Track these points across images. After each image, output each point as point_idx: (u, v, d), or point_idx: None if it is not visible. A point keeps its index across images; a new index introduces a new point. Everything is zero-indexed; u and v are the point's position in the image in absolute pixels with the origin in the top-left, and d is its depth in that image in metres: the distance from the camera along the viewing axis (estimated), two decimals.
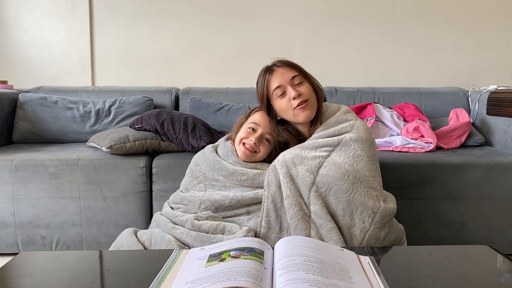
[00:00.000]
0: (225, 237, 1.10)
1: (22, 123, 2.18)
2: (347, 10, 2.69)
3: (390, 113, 2.18)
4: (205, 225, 1.15)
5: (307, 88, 1.25)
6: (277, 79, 1.26)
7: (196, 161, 1.37)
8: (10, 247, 1.80)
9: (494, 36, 2.69)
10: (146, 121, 1.92)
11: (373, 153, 1.23)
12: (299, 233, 1.12)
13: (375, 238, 1.13)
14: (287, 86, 1.24)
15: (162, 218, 1.27)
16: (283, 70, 1.26)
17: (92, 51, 2.70)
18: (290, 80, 1.25)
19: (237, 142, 1.32)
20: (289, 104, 1.24)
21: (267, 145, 1.31)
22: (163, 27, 2.70)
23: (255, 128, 1.31)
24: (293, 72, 1.26)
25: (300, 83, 1.25)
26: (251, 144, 1.28)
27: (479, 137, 2.14)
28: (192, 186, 1.33)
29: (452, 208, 1.76)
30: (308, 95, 1.24)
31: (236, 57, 2.70)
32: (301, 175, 1.18)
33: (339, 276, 0.67)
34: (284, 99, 1.25)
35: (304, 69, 1.31)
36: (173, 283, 0.68)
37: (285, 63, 1.29)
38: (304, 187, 1.17)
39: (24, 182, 1.75)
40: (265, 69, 1.31)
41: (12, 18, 2.66)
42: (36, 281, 0.73)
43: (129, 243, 1.16)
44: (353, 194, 1.15)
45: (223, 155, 1.32)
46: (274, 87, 1.26)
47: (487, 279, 0.76)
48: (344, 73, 2.71)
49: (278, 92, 1.25)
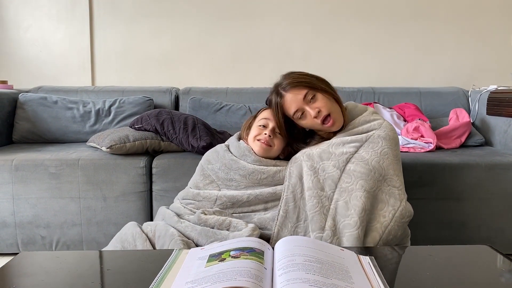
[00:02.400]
0: (230, 234, 1.10)
1: (22, 123, 2.18)
2: (347, 10, 2.69)
3: (390, 113, 2.18)
4: (211, 219, 1.15)
5: (322, 101, 1.25)
6: (291, 105, 1.26)
7: (208, 159, 1.35)
8: (10, 247, 1.80)
9: (494, 36, 2.69)
10: (146, 121, 1.92)
11: (397, 153, 1.26)
12: (313, 225, 1.14)
13: (393, 234, 1.14)
14: (303, 107, 1.26)
15: (168, 211, 1.27)
16: (292, 94, 1.26)
17: (92, 51, 2.70)
18: (303, 100, 1.25)
19: (251, 140, 1.32)
20: (315, 121, 1.26)
21: (280, 138, 1.32)
22: (163, 27, 2.70)
23: (266, 124, 1.32)
24: (301, 91, 1.25)
25: (313, 98, 1.25)
26: (266, 138, 1.29)
27: (479, 137, 2.14)
28: (204, 185, 1.31)
29: (452, 208, 1.76)
30: (327, 107, 1.25)
31: (236, 57, 2.70)
32: (328, 170, 1.20)
33: (339, 276, 0.67)
34: (307, 119, 1.27)
35: (310, 77, 1.29)
36: (173, 283, 0.68)
37: (292, 83, 1.27)
38: (331, 181, 1.18)
39: (24, 182, 1.75)
40: (275, 92, 1.30)
41: (12, 18, 2.66)
42: (36, 281, 0.73)
43: (133, 233, 1.16)
44: (376, 191, 1.17)
45: (239, 154, 1.31)
46: (292, 112, 1.27)
47: (487, 279, 0.76)
48: (344, 73, 2.71)
49: (298, 115, 1.27)
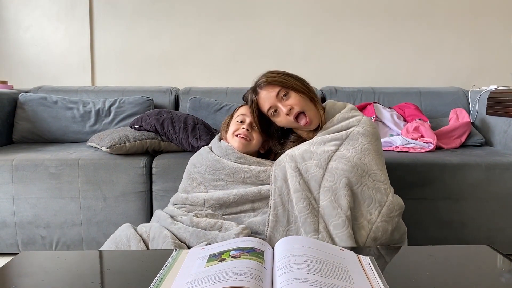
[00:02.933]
0: (219, 234, 1.11)
1: (22, 123, 2.18)
2: (347, 10, 2.69)
3: (390, 113, 2.18)
4: (203, 222, 1.16)
5: (295, 99, 1.26)
6: (265, 102, 1.29)
7: (193, 163, 1.37)
8: (10, 247, 1.80)
9: (494, 36, 2.69)
10: (146, 121, 1.92)
11: (379, 147, 1.26)
12: (307, 227, 1.14)
13: (382, 230, 1.14)
14: (276, 104, 1.27)
15: (163, 214, 1.28)
16: (266, 91, 1.28)
17: (92, 51, 2.70)
18: (275, 98, 1.27)
19: (230, 137, 1.34)
20: (288, 119, 1.27)
21: (257, 132, 1.34)
22: (163, 27, 2.70)
23: (243, 119, 1.34)
24: (275, 89, 1.27)
25: (285, 95, 1.27)
26: (244, 132, 1.31)
27: (479, 137, 2.14)
28: (192, 188, 1.33)
29: (452, 208, 1.76)
30: (299, 105, 1.26)
31: (236, 57, 2.70)
32: (311, 170, 1.20)
33: (339, 276, 0.67)
34: (280, 116, 1.28)
35: (286, 76, 1.30)
36: (173, 283, 0.68)
37: (266, 81, 1.29)
38: (314, 182, 1.18)
39: (24, 182, 1.75)
40: (252, 90, 1.33)
41: (12, 18, 2.66)
42: (36, 281, 0.73)
43: (127, 234, 1.17)
44: (361, 187, 1.17)
45: (222, 154, 1.32)
46: (266, 108, 1.29)
47: (487, 279, 0.76)
48: (344, 73, 2.71)
49: (272, 111, 1.29)
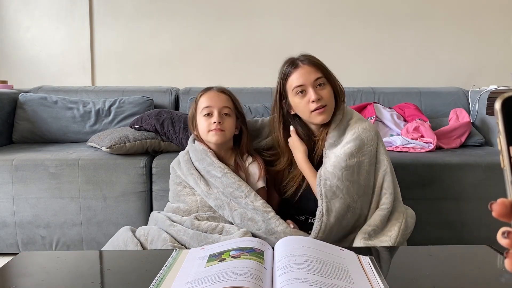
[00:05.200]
0: (221, 238, 1.10)
1: (22, 123, 2.18)
2: (347, 10, 2.69)
3: (390, 113, 2.17)
4: (203, 225, 1.16)
5: (328, 93, 1.23)
6: (300, 78, 1.22)
7: (174, 168, 1.35)
8: (10, 247, 1.80)
9: (494, 36, 2.69)
10: (146, 121, 1.92)
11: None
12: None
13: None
14: (308, 87, 1.21)
15: (160, 216, 1.26)
16: (308, 69, 1.22)
17: (92, 51, 2.70)
18: (313, 81, 1.22)
19: (205, 134, 1.28)
20: (307, 106, 1.22)
21: (229, 118, 1.28)
22: (163, 27, 2.70)
23: (210, 112, 1.27)
24: (317, 73, 1.23)
25: (322, 86, 1.23)
26: (217, 125, 1.24)
27: (479, 137, 2.14)
28: (179, 191, 1.30)
29: (452, 208, 1.76)
30: (328, 100, 1.23)
31: (236, 57, 2.70)
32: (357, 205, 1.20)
33: (339, 276, 0.67)
34: (303, 99, 1.22)
35: (329, 70, 1.28)
36: (173, 283, 0.68)
37: (311, 61, 1.24)
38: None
39: (24, 182, 1.75)
40: (290, 62, 1.27)
41: (12, 18, 2.66)
42: (36, 281, 0.73)
43: (125, 238, 1.17)
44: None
45: (198, 158, 1.27)
46: (295, 84, 1.23)
47: (487, 279, 0.76)
48: (344, 73, 2.68)
49: (298, 90, 1.22)
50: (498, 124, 0.33)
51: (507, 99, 0.33)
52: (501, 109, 0.33)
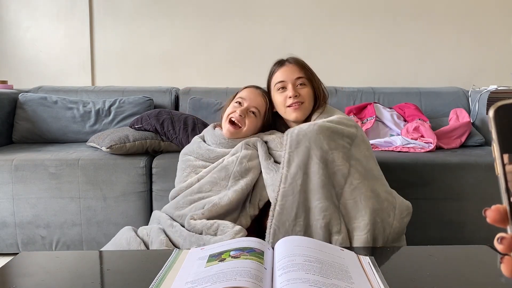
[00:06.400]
0: (212, 239, 1.10)
1: (22, 123, 2.18)
2: (347, 10, 2.69)
3: (390, 113, 2.18)
4: (199, 224, 1.15)
5: (307, 93, 1.28)
6: (282, 74, 1.29)
7: (184, 153, 1.39)
8: (10, 247, 1.80)
9: (494, 36, 2.69)
10: (146, 121, 1.92)
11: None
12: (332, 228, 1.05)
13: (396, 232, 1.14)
14: (289, 84, 1.27)
15: (163, 215, 1.27)
16: (292, 68, 1.29)
17: (92, 51, 2.70)
18: (294, 79, 1.28)
19: (225, 119, 1.32)
20: (284, 101, 1.28)
21: (253, 118, 1.31)
22: (163, 27, 2.70)
23: (242, 102, 1.32)
24: (300, 73, 1.29)
25: (302, 85, 1.28)
26: (237, 117, 1.29)
27: (479, 137, 2.14)
28: (184, 177, 1.32)
29: (452, 208, 1.76)
30: (305, 99, 1.27)
31: (236, 57, 2.70)
32: (338, 162, 1.08)
33: (339, 276, 0.67)
34: (282, 94, 1.29)
35: (314, 73, 1.33)
36: (173, 283, 0.68)
37: (297, 62, 1.31)
38: (341, 176, 1.07)
39: (24, 182, 1.75)
40: (278, 61, 1.34)
41: (12, 18, 2.66)
42: (36, 281, 0.73)
43: (128, 237, 1.17)
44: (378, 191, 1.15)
45: (215, 142, 1.33)
46: (277, 80, 1.30)
47: (487, 279, 0.76)
48: (344, 73, 2.71)
49: (279, 86, 1.29)
50: (491, 132, 0.33)
51: (500, 107, 0.33)
52: (494, 117, 0.33)
